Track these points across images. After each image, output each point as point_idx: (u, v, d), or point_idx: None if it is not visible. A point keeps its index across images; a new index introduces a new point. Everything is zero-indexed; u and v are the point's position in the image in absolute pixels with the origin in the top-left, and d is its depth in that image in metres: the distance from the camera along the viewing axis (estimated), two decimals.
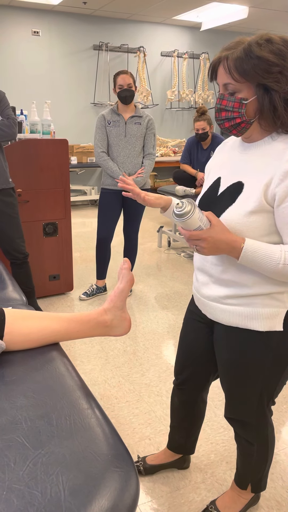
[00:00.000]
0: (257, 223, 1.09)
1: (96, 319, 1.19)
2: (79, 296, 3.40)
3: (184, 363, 1.49)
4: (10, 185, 2.66)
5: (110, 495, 0.71)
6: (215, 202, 1.19)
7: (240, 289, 1.18)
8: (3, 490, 0.70)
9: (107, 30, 7.02)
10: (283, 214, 1.06)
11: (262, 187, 1.08)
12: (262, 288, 1.16)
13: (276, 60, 1.02)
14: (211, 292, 1.24)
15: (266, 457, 1.43)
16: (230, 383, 1.31)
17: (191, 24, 7.38)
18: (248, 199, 1.10)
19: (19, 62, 6.56)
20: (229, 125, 1.11)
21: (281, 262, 1.06)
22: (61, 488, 0.70)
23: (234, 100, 1.08)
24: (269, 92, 1.04)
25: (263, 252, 1.07)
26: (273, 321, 1.18)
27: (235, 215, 1.11)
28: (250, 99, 1.06)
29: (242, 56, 1.03)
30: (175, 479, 1.71)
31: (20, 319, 1.12)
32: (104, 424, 0.87)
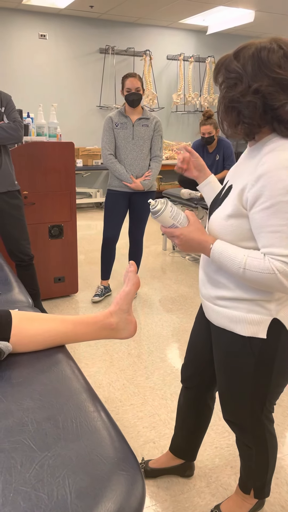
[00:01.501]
0: (234, 227, 1.12)
1: (102, 322, 1.19)
2: (92, 299, 3.40)
3: (191, 360, 1.52)
4: (16, 187, 2.68)
5: (116, 498, 0.71)
6: (215, 204, 1.25)
7: (226, 291, 1.20)
8: (9, 492, 0.70)
9: (114, 33, 7.05)
10: (253, 219, 1.07)
11: (238, 191, 1.11)
12: (245, 293, 1.17)
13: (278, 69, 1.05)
14: (206, 291, 1.28)
15: (266, 463, 1.42)
16: (221, 384, 1.34)
17: (197, 28, 7.40)
18: (229, 202, 1.14)
19: (26, 65, 6.59)
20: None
21: (242, 267, 1.07)
22: (68, 491, 0.70)
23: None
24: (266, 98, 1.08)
25: (228, 255, 1.09)
26: (256, 328, 1.18)
27: (217, 218, 1.17)
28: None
29: (248, 58, 1.07)
30: (180, 483, 1.71)
31: (27, 321, 1.12)
32: (110, 427, 0.87)
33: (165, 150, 7.51)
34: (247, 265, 1.06)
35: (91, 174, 7.33)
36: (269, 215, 1.03)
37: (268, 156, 1.05)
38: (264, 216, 1.04)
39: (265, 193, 1.03)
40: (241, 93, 1.05)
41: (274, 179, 1.01)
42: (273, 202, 1.02)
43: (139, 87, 3.08)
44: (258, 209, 1.05)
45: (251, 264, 1.06)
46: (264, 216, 1.04)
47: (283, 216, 1.01)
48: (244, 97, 1.05)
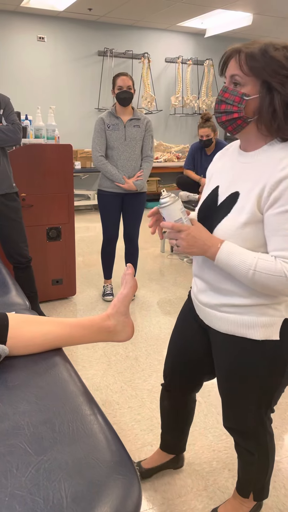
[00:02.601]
0: (251, 234, 1.09)
1: (99, 324, 1.19)
2: (104, 298, 3.45)
3: (177, 365, 1.48)
4: (14, 190, 2.67)
5: (113, 502, 0.70)
6: (213, 212, 1.19)
7: (237, 299, 1.17)
8: (5, 496, 0.70)
9: (112, 36, 7.06)
10: (268, 222, 1.07)
11: (255, 197, 1.07)
12: (258, 299, 1.15)
13: (287, 64, 1.04)
14: (208, 299, 1.24)
15: (267, 465, 1.42)
16: (228, 391, 1.30)
17: (195, 31, 7.42)
18: (242, 209, 1.10)
19: (25, 67, 6.60)
20: (226, 119, 1.10)
21: (252, 268, 1.05)
22: (64, 495, 0.70)
23: (236, 94, 1.08)
24: (271, 93, 1.05)
25: (238, 256, 1.07)
26: (269, 330, 1.17)
27: (229, 226, 1.11)
28: (252, 97, 1.07)
29: (256, 52, 1.05)
30: (177, 486, 1.70)
31: (24, 324, 1.12)
32: (106, 431, 0.87)
33: (163, 153, 7.51)
34: (258, 267, 1.05)
35: (89, 176, 7.33)
36: (286, 219, 1.03)
37: (287, 159, 1.05)
38: (280, 219, 1.04)
39: (284, 196, 1.03)
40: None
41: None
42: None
43: (130, 85, 3.07)
44: (274, 212, 1.04)
45: (262, 266, 1.05)
46: (280, 219, 1.04)
47: None
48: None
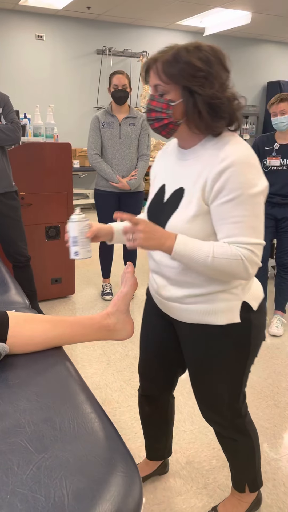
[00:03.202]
0: (200, 226, 1.14)
1: (100, 323, 1.19)
2: (103, 297, 3.44)
3: (151, 366, 1.48)
4: (13, 189, 2.67)
5: (114, 499, 0.70)
6: (162, 209, 1.22)
7: (197, 289, 1.21)
8: (6, 494, 0.70)
9: (111, 34, 7.05)
10: (215, 212, 1.11)
11: (200, 190, 1.12)
12: (216, 287, 1.19)
13: (202, 65, 1.07)
14: (170, 294, 1.26)
15: (253, 451, 1.44)
16: (200, 381, 1.33)
17: (194, 29, 7.41)
18: (189, 204, 1.14)
19: (23, 66, 6.58)
20: (159, 125, 1.14)
21: (211, 255, 1.09)
22: (65, 492, 0.70)
23: (162, 101, 1.11)
24: (193, 96, 1.08)
25: (194, 246, 1.10)
26: (231, 314, 1.21)
27: (179, 221, 1.15)
28: (177, 102, 1.10)
29: (170, 60, 1.08)
30: (177, 485, 1.71)
31: (24, 322, 1.12)
32: (107, 428, 0.87)
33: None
34: (215, 253, 1.09)
35: (88, 175, 7.32)
36: (232, 207, 1.08)
37: (226, 151, 1.09)
38: (227, 208, 1.09)
39: (228, 186, 1.07)
40: (220, 90, 1.10)
41: (237, 173, 1.06)
42: (235, 194, 1.07)
43: (126, 84, 3.06)
44: (220, 202, 1.09)
45: (219, 252, 1.09)
46: (227, 208, 1.09)
47: (245, 208, 1.08)
48: (223, 92, 1.10)
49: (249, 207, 1.08)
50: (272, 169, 2.89)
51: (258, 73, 8.20)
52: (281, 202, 2.89)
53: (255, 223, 1.09)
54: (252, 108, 7.93)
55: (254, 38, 7.87)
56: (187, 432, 1.99)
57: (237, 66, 7.96)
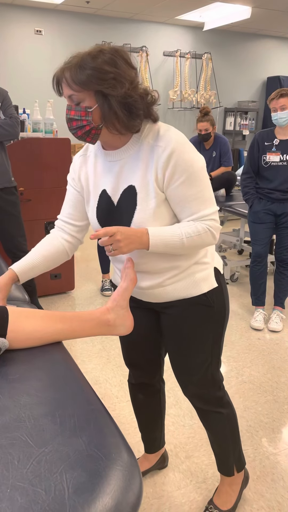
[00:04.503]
0: (163, 213, 1.20)
1: (99, 318, 1.19)
2: (102, 293, 3.45)
3: (136, 354, 1.51)
4: (12, 184, 2.67)
5: (114, 493, 0.71)
6: (116, 212, 1.25)
7: (174, 270, 1.28)
8: (7, 488, 0.70)
9: (110, 29, 7.02)
10: (173, 195, 1.18)
11: (153, 181, 1.17)
12: (190, 260, 1.28)
13: (108, 68, 1.09)
14: (150, 283, 1.30)
15: (236, 423, 1.49)
16: (184, 355, 1.36)
17: (193, 24, 7.38)
18: (147, 196, 1.18)
19: (22, 61, 6.56)
20: (82, 133, 1.15)
21: (184, 236, 1.18)
22: (65, 486, 0.70)
23: (80, 109, 1.13)
24: (107, 98, 1.10)
25: (166, 233, 1.18)
26: (210, 281, 1.31)
27: (144, 215, 1.19)
28: (93, 107, 1.12)
29: (77, 68, 1.09)
30: (176, 479, 1.71)
31: (23, 317, 1.12)
32: (107, 423, 0.87)
33: None
34: (187, 233, 1.18)
35: None
36: (187, 186, 1.16)
37: (163, 139, 1.15)
38: (183, 189, 1.16)
39: (178, 169, 1.15)
40: (130, 88, 1.11)
41: (181, 155, 1.14)
42: (187, 175, 1.15)
43: None
44: (176, 185, 1.16)
45: (189, 231, 1.18)
46: (183, 189, 1.16)
47: (198, 183, 1.17)
48: (134, 90, 1.13)
49: (200, 182, 1.17)
50: (272, 164, 2.88)
51: (257, 68, 8.17)
52: (280, 197, 2.89)
53: (209, 193, 1.20)
54: (252, 103, 7.91)
55: (254, 33, 7.84)
56: (186, 427, 2.00)
57: (236, 61, 7.94)
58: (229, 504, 1.55)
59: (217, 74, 7.92)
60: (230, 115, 7.87)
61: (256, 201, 2.99)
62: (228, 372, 2.46)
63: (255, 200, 2.99)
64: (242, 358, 2.62)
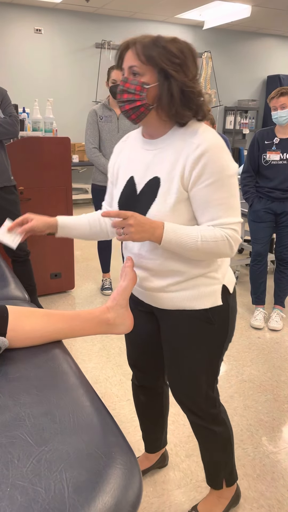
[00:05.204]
0: (181, 212, 1.17)
1: (99, 317, 1.19)
2: (103, 292, 3.44)
3: (140, 356, 1.50)
4: (12, 183, 2.66)
5: (114, 492, 0.71)
6: (137, 201, 1.23)
7: (180, 276, 1.24)
8: (6, 487, 0.70)
9: (110, 28, 7.01)
10: (197, 197, 1.15)
11: (178, 177, 1.15)
12: (198, 270, 1.24)
13: (178, 54, 1.12)
14: (153, 285, 1.28)
15: (230, 441, 1.45)
16: (179, 368, 1.33)
17: (193, 23, 7.37)
18: (168, 191, 1.16)
19: (22, 60, 6.55)
20: (130, 107, 1.15)
21: (199, 239, 1.13)
22: (65, 485, 0.70)
23: (136, 83, 1.13)
24: (168, 80, 1.11)
25: (182, 231, 1.14)
26: (214, 297, 1.26)
27: (161, 209, 1.17)
28: (151, 85, 1.12)
29: (150, 43, 1.12)
30: (176, 478, 1.72)
31: (23, 317, 1.12)
32: (107, 422, 0.87)
33: None
34: (203, 237, 1.13)
35: (87, 170, 7.31)
36: (213, 190, 1.13)
37: (199, 137, 1.13)
38: (208, 192, 1.13)
39: (207, 171, 1.12)
40: (191, 80, 1.14)
41: (214, 158, 1.11)
42: (215, 178, 1.12)
43: None
44: (202, 186, 1.13)
45: (206, 235, 1.13)
46: (208, 192, 1.13)
47: (225, 189, 1.13)
48: (194, 83, 1.15)
49: (228, 189, 1.13)
50: (272, 163, 2.88)
51: (257, 67, 8.17)
52: (280, 196, 2.89)
53: (235, 203, 1.16)
54: (252, 102, 7.90)
55: (254, 32, 7.83)
56: (186, 426, 2.00)
57: (236, 60, 7.93)
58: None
59: (217, 73, 7.91)
60: (230, 114, 7.86)
61: (256, 200, 2.99)
62: (228, 371, 2.46)
63: (255, 199, 2.99)
64: (242, 357, 2.62)
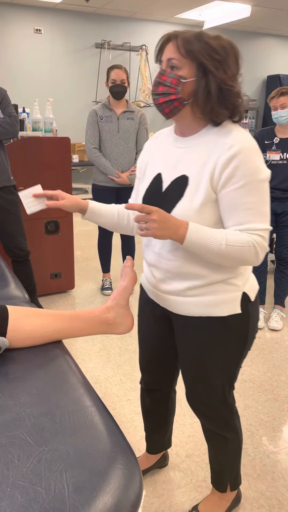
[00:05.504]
0: (207, 214, 1.13)
1: (99, 317, 1.19)
2: (103, 292, 3.44)
3: (151, 360, 1.48)
4: (12, 183, 2.66)
5: (114, 491, 0.71)
6: (161, 198, 1.20)
7: (199, 280, 1.20)
8: (7, 487, 0.70)
9: (109, 28, 7.01)
10: (225, 199, 1.11)
11: (208, 178, 1.11)
12: (218, 276, 1.19)
13: (220, 50, 1.10)
14: (170, 287, 1.24)
15: (239, 449, 1.44)
16: (195, 374, 1.31)
17: (193, 23, 7.37)
18: (196, 191, 1.13)
19: (21, 60, 6.55)
20: (164, 101, 1.13)
21: (224, 242, 1.09)
22: (65, 485, 0.70)
23: (173, 76, 1.11)
24: (207, 76, 1.09)
25: (207, 233, 1.09)
26: (233, 305, 1.21)
27: (187, 209, 1.14)
28: (188, 79, 1.10)
29: (192, 37, 1.10)
30: (177, 478, 1.72)
31: (24, 317, 1.12)
32: (107, 422, 0.87)
33: None
34: (229, 241, 1.09)
35: (87, 170, 7.31)
36: (243, 194, 1.09)
37: (232, 138, 1.10)
38: (238, 195, 1.09)
39: (238, 173, 1.08)
40: (230, 78, 1.11)
41: (246, 160, 1.08)
42: (246, 181, 1.08)
43: (124, 79, 3.03)
44: (231, 189, 1.09)
45: (232, 239, 1.09)
46: (237, 195, 1.09)
47: (255, 194, 1.09)
48: (233, 82, 1.12)
49: (259, 193, 1.09)
50: (272, 163, 2.88)
51: (257, 67, 8.17)
52: (281, 196, 2.89)
53: (264, 208, 1.11)
54: (252, 102, 7.90)
55: (254, 32, 7.83)
56: (186, 426, 2.00)
57: None
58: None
59: None
60: None
61: None
62: None
63: None
64: None
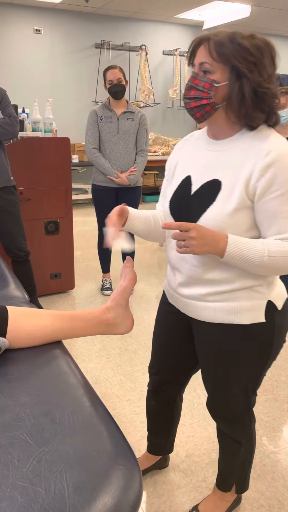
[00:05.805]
0: (240, 220, 1.10)
1: (99, 317, 1.19)
2: (103, 292, 3.44)
3: (164, 364, 1.46)
4: (12, 183, 2.66)
5: (114, 492, 0.71)
6: (190, 201, 1.17)
7: (223, 286, 1.17)
8: (7, 487, 0.70)
9: (109, 28, 7.01)
10: (264, 208, 1.08)
11: (243, 184, 1.08)
12: (243, 283, 1.16)
13: (254, 51, 1.05)
14: (192, 292, 1.22)
15: (251, 454, 1.43)
16: (216, 379, 1.30)
17: (193, 23, 7.37)
18: (230, 197, 1.10)
19: (21, 60, 6.55)
20: (195, 105, 1.10)
21: (266, 254, 1.06)
22: (65, 485, 0.70)
23: (206, 80, 1.08)
24: (240, 79, 1.06)
25: (247, 246, 1.07)
26: (255, 313, 1.18)
27: (219, 214, 1.10)
28: (221, 83, 1.08)
29: (224, 40, 1.06)
30: (177, 478, 1.72)
31: (23, 317, 1.12)
32: (107, 422, 0.87)
33: (161, 146, 7.49)
34: (271, 252, 1.05)
35: (87, 170, 7.31)
36: (283, 202, 1.05)
37: (270, 144, 1.07)
38: (278, 203, 1.06)
39: (277, 181, 1.05)
40: (266, 80, 1.07)
41: (285, 167, 1.04)
42: (286, 189, 1.05)
43: (120, 77, 3.03)
44: (271, 197, 1.06)
45: (274, 250, 1.06)
46: (277, 204, 1.06)
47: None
48: (269, 84, 1.07)
49: None
50: None
51: None
52: None
53: None
54: None
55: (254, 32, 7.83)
56: (186, 426, 2.00)
57: None
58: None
59: None
60: None
61: None
62: None
63: None
64: None
